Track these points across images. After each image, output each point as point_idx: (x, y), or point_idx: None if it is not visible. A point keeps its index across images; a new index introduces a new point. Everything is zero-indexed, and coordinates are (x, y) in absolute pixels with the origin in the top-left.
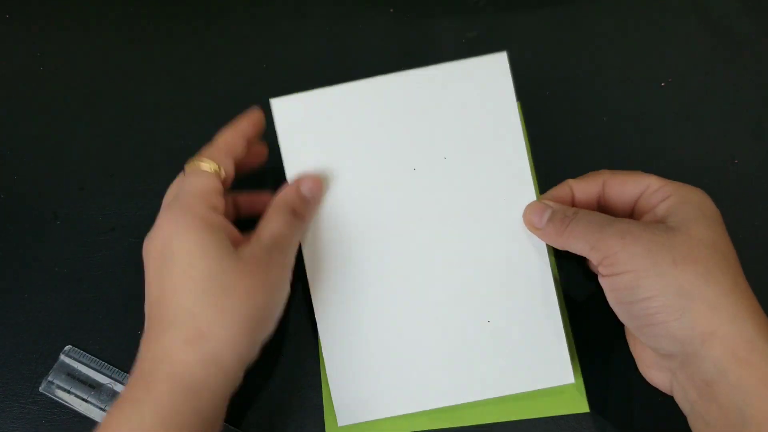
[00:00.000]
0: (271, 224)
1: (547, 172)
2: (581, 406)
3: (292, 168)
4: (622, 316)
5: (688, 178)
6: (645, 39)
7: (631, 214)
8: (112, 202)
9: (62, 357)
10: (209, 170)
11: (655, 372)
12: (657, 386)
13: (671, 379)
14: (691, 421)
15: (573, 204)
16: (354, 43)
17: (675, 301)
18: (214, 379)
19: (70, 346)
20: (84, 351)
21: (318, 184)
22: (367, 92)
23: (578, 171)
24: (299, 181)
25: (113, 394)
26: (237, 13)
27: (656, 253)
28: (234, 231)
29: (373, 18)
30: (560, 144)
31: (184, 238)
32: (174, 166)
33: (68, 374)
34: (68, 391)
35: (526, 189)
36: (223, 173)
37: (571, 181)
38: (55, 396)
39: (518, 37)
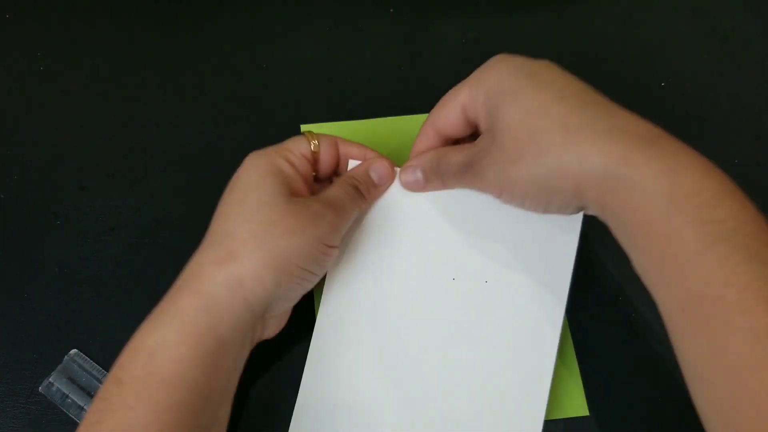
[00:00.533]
0: (333, 189)
1: None
2: (580, 409)
3: None
4: (533, 207)
5: None
6: (645, 39)
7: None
8: (112, 202)
9: (66, 360)
10: (306, 138)
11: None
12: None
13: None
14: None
15: (443, 138)
16: (354, 43)
17: (538, 185)
18: (236, 306)
19: (75, 350)
20: (87, 357)
21: (388, 171)
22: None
23: None
24: (371, 163)
25: None
26: (237, 13)
27: (502, 167)
28: (302, 187)
29: (373, 18)
30: None
31: (250, 173)
32: (174, 166)
33: (69, 378)
34: (66, 396)
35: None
36: (317, 148)
37: (431, 120)
38: (53, 399)
39: (518, 37)
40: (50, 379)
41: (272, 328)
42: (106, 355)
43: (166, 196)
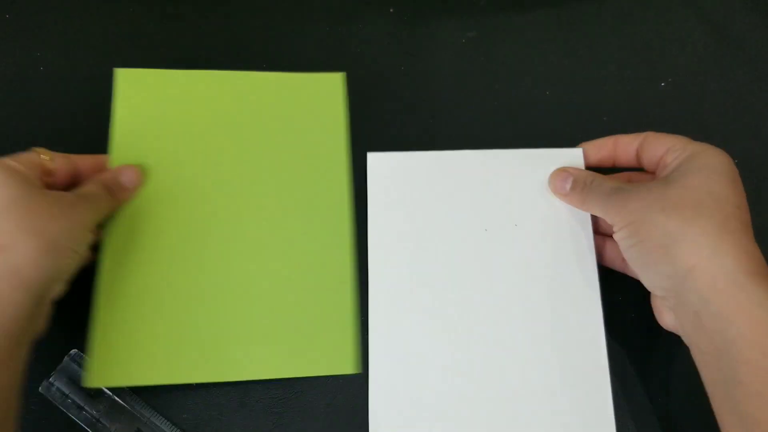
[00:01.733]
0: (85, 187)
1: None
2: (349, 367)
3: (374, 214)
4: (630, 263)
5: None
6: (645, 39)
7: (658, 166)
8: None
9: (66, 361)
10: (35, 152)
11: (664, 316)
12: (669, 329)
13: (675, 318)
14: (692, 353)
15: (615, 157)
16: (354, 43)
17: (662, 241)
18: (16, 292)
19: (76, 350)
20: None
21: (136, 176)
22: (452, 161)
23: None
24: (120, 169)
25: (112, 405)
26: (237, 12)
27: (648, 205)
28: (42, 187)
29: (373, 18)
30: (560, 144)
31: None
32: None
33: (69, 378)
34: (66, 396)
35: (589, 264)
36: (52, 165)
37: (617, 136)
38: (53, 399)
39: (518, 37)
40: (50, 380)
41: (44, 319)
42: None
43: None
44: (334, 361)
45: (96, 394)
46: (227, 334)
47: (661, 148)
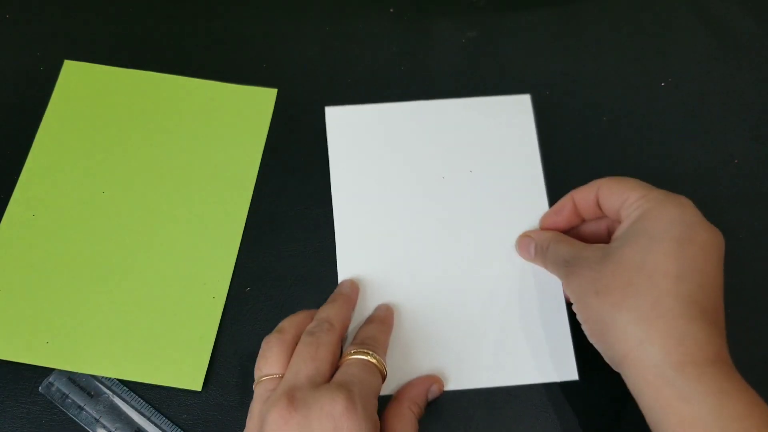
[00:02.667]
0: (399, 429)
1: (548, 172)
2: (196, 384)
3: (336, 166)
4: (587, 329)
5: (688, 177)
6: (645, 39)
7: (617, 221)
8: None
9: None
10: (380, 370)
11: None
12: None
13: None
14: None
15: (579, 214)
16: (354, 43)
17: (597, 326)
18: None
19: None
20: None
21: (441, 389)
22: (407, 111)
23: (578, 171)
24: (429, 383)
25: (110, 406)
26: (236, 13)
27: (584, 287)
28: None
29: (373, 18)
30: (560, 144)
31: None
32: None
33: (69, 378)
34: (66, 396)
35: (541, 202)
36: (384, 370)
37: (573, 193)
38: (53, 398)
39: (518, 37)
40: (50, 379)
41: None
42: None
43: None
44: (183, 375)
45: (96, 394)
46: (96, 326)
47: (616, 200)
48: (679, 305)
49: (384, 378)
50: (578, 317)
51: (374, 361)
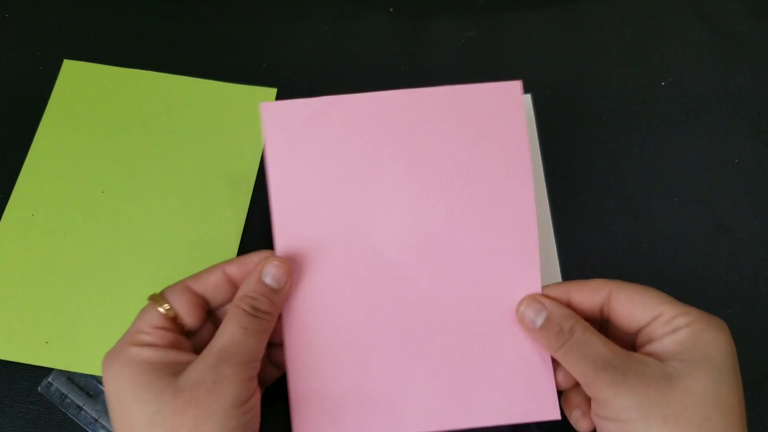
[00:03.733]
0: (225, 332)
1: (548, 172)
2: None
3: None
4: None
5: (689, 177)
6: (645, 39)
7: (636, 335)
8: None
9: None
10: (153, 308)
11: None
12: None
13: None
14: None
15: (569, 306)
16: (354, 43)
17: None
18: None
19: None
20: None
21: (283, 270)
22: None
23: (578, 171)
24: (260, 268)
25: None
26: (236, 13)
27: (648, 408)
28: (183, 359)
29: (373, 18)
30: (560, 144)
31: (116, 383)
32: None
33: (68, 378)
34: (65, 396)
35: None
36: (171, 311)
37: (570, 286)
38: (52, 398)
39: (518, 36)
40: (49, 379)
41: None
42: None
43: None
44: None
45: (95, 394)
46: (95, 326)
47: (644, 313)
48: None
49: (170, 312)
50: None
51: (150, 302)
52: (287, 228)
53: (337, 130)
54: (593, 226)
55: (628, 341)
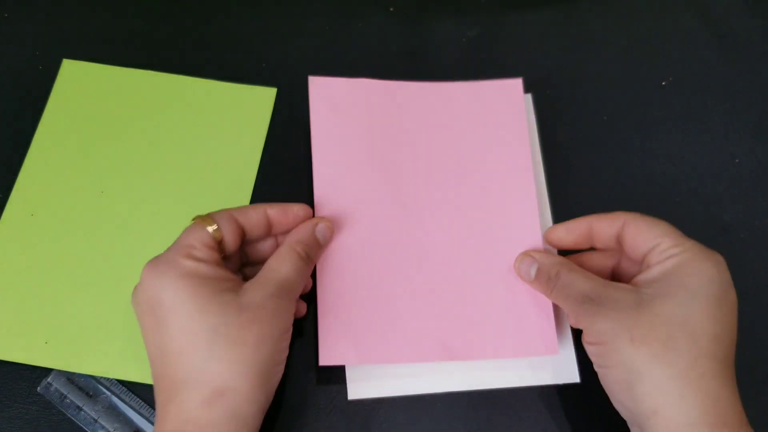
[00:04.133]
0: (282, 268)
1: (548, 171)
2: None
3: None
4: (599, 377)
5: (688, 177)
6: (645, 39)
7: (642, 261)
8: None
9: None
10: (203, 226)
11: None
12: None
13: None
14: None
15: (590, 242)
16: (354, 43)
17: (626, 375)
18: None
19: None
20: None
21: (331, 230)
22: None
23: (578, 171)
24: (315, 222)
25: (109, 406)
26: (236, 13)
27: (617, 331)
28: (231, 277)
29: (373, 18)
30: (560, 144)
31: (175, 293)
32: None
33: (68, 379)
34: (65, 396)
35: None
36: (219, 235)
37: (592, 218)
38: (51, 399)
39: (518, 36)
40: (49, 380)
41: None
42: None
43: None
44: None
45: (95, 394)
46: (95, 326)
47: (645, 243)
48: (715, 366)
49: (218, 235)
50: (598, 360)
51: (197, 221)
52: (325, 182)
53: (369, 107)
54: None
55: (635, 270)
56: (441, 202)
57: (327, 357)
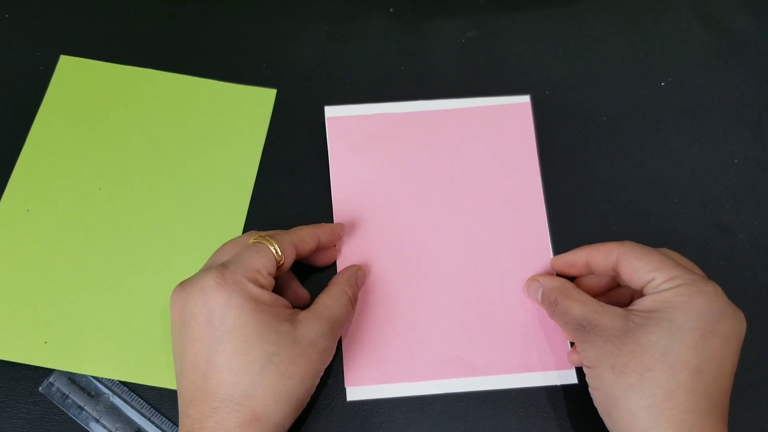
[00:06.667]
0: (335, 307)
1: (548, 172)
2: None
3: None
4: (597, 403)
5: (688, 177)
6: (645, 39)
7: (640, 292)
8: None
9: None
10: (270, 251)
11: None
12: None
13: None
14: None
15: (589, 271)
16: (354, 43)
17: (605, 400)
18: None
19: None
20: None
21: (365, 277)
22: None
23: (578, 171)
24: (356, 268)
25: (111, 406)
26: (236, 13)
27: (601, 359)
28: (285, 306)
29: (373, 18)
30: (560, 144)
31: (239, 315)
32: None
33: (69, 379)
34: (66, 396)
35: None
36: (281, 259)
37: (588, 250)
38: (53, 398)
39: (518, 37)
40: (50, 380)
41: None
42: None
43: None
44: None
45: (96, 394)
46: (95, 326)
47: (639, 279)
48: (692, 399)
49: (280, 259)
50: (588, 380)
51: (263, 242)
52: (344, 210)
53: (384, 139)
54: (593, 226)
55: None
56: (457, 224)
57: (353, 380)
